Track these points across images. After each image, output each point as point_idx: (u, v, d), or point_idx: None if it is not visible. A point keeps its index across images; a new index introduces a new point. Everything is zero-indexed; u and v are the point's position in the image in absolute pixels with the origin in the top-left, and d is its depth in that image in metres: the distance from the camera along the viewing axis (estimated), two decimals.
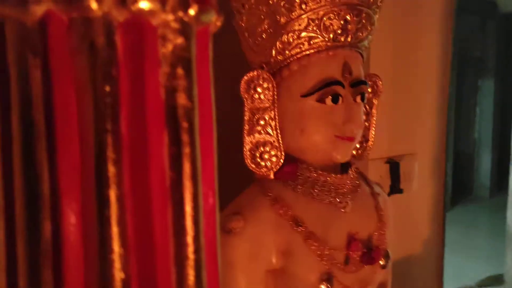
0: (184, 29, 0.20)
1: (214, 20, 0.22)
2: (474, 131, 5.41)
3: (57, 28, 0.19)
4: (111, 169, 0.20)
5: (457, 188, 5.09)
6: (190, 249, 0.21)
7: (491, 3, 4.78)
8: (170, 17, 0.20)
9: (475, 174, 5.44)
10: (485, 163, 5.34)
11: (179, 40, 0.20)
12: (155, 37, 0.20)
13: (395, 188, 1.16)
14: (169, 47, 0.20)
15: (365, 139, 0.72)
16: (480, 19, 5.00)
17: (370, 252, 0.65)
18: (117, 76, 0.19)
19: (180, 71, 0.20)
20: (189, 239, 0.21)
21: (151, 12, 0.19)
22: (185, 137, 0.21)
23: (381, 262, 0.67)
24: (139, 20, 0.20)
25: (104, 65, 0.19)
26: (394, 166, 1.15)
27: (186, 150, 0.21)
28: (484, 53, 5.19)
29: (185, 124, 0.21)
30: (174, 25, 0.20)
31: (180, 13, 0.20)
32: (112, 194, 0.20)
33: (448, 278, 1.46)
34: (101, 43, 0.19)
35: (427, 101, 1.26)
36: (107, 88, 0.19)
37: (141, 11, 0.19)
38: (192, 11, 0.20)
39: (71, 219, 0.20)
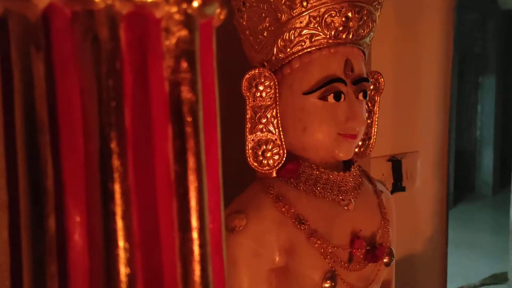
0: (188, 21, 0.20)
1: (217, 13, 0.22)
2: (476, 128, 5.40)
3: (60, 22, 0.19)
4: (116, 163, 0.20)
5: (459, 185, 5.09)
6: (196, 243, 0.21)
7: (491, 0, 4.78)
8: (174, 9, 0.20)
9: (477, 171, 5.42)
10: (487, 160, 5.33)
11: (183, 33, 0.20)
12: (158, 29, 0.20)
13: (397, 186, 1.16)
14: (173, 40, 0.20)
15: (367, 136, 0.72)
16: (480, 16, 5.00)
17: (374, 250, 0.65)
18: (121, 70, 0.19)
19: (184, 64, 0.20)
20: (194, 233, 0.21)
21: (154, 4, 0.19)
22: (189, 131, 0.21)
23: (385, 260, 0.67)
24: (143, 13, 0.19)
25: (108, 59, 0.19)
26: (396, 164, 1.15)
27: (191, 143, 0.21)
28: (484, 50, 5.18)
29: (189, 118, 0.20)
30: (178, 17, 0.20)
31: (184, 5, 0.20)
32: (117, 188, 0.20)
33: (451, 276, 1.45)
34: (104, 36, 0.19)
35: (428, 98, 1.26)
36: (111, 82, 0.19)
37: (144, 3, 0.19)
38: (195, 3, 0.20)
39: (76, 214, 0.20)
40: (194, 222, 0.21)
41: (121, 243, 0.20)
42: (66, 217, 0.20)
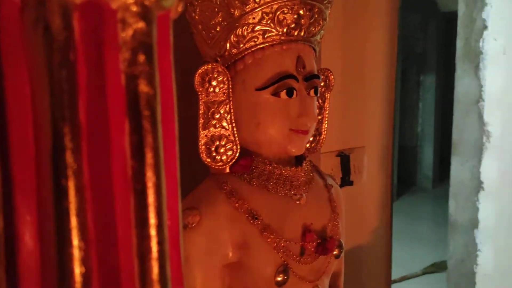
0: (145, 13, 0.20)
1: (175, 5, 0.22)
2: (418, 125, 5.66)
3: (8, 9, 0.18)
4: (69, 159, 0.19)
5: (402, 179, 5.32)
6: (154, 241, 0.21)
7: (432, 2, 5.01)
8: (130, 0, 0.19)
9: (418, 166, 5.70)
10: (427, 155, 5.61)
11: (140, 25, 0.20)
12: (114, 20, 0.19)
13: (346, 180, 1.19)
14: (130, 31, 0.19)
15: (318, 132, 0.74)
16: (422, 17, 5.24)
17: (325, 243, 0.66)
18: (74, 61, 0.18)
19: (141, 57, 0.20)
20: (152, 230, 0.21)
21: None
22: (147, 125, 0.20)
23: (335, 252, 0.68)
24: (97, 2, 0.19)
25: (61, 49, 0.18)
26: (344, 159, 1.18)
27: (148, 138, 0.20)
28: (425, 50, 5.44)
29: (146, 112, 0.20)
30: (134, 8, 0.19)
31: None
32: (71, 185, 0.19)
33: (395, 266, 1.52)
34: (56, 26, 0.18)
35: (374, 96, 1.30)
36: (64, 73, 0.18)
37: None
38: None
39: (26, 212, 0.19)
40: (152, 219, 0.21)
41: (75, 241, 0.19)
42: (15, 216, 0.19)
